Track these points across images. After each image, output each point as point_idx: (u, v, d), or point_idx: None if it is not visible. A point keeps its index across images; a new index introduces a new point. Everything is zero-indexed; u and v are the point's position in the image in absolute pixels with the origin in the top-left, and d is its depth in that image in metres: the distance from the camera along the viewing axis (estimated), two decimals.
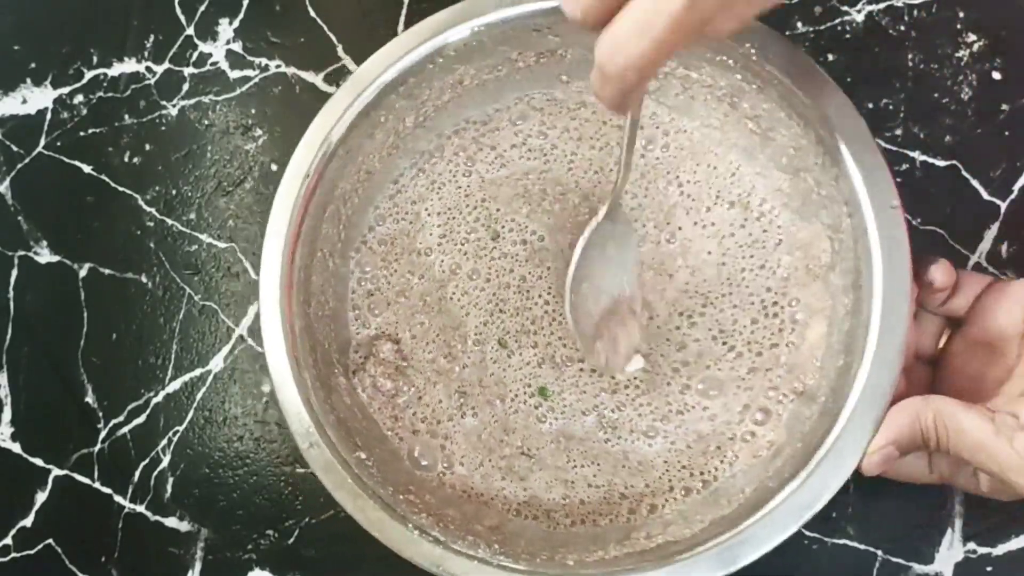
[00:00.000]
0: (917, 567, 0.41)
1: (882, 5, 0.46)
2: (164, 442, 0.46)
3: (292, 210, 0.41)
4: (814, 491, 0.35)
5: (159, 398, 0.47)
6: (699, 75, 0.42)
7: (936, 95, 0.45)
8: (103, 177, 0.50)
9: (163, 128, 0.50)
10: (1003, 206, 0.44)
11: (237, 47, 0.50)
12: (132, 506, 0.46)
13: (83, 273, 0.49)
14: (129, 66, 0.51)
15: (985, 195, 0.44)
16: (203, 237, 0.48)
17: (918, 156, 0.45)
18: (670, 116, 0.44)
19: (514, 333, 0.43)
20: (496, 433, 0.42)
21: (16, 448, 0.47)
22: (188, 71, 0.50)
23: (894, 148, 0.45)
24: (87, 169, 0.50)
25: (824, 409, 0.38)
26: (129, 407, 0.47)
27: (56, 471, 0.47)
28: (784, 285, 0.42)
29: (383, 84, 0.41)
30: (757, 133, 0.42)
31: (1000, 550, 0.41)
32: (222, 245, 0.48)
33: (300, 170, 0.41)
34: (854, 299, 0.38)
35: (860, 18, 0.46)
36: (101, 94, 0.51)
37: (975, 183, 0.44)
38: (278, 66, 0.50)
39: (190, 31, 0.51)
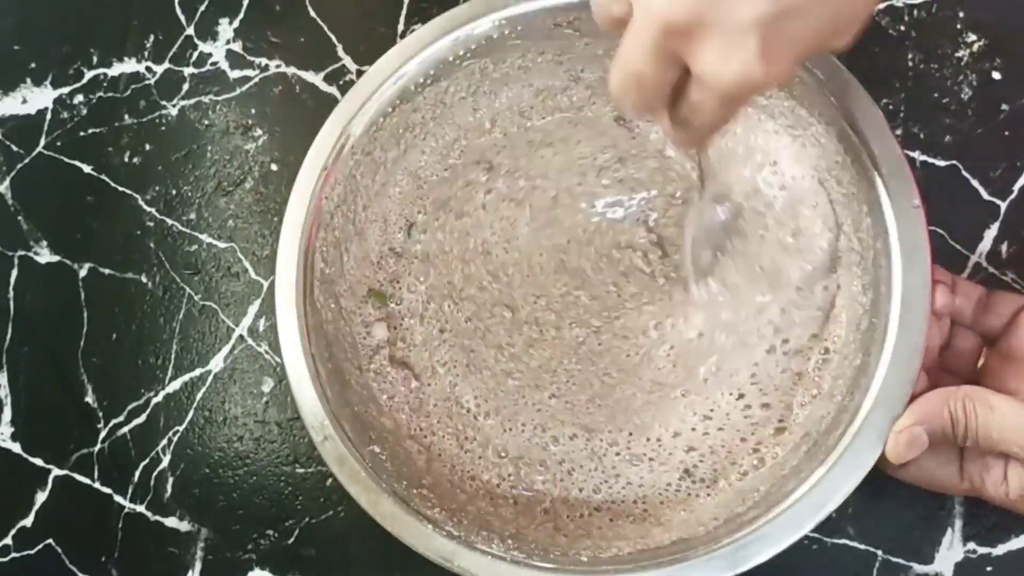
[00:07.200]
0: (917, 567, 0.41)
1: (882, 5, 0.46)
2: (164, 442, 0.46)
3: (309, 203, 0.41)
4: (829, 490, 0.35)
5: (159, 398, 0.47)
6: None
7: (936, 95, 0.45)
8: (103, 177, 0.50)
9: (163, 128, 0.50)
10: (1003, 206, 0.44)
11: (237, 47, 0.50)
12: (132, 506, 0.46)
13: (83, 273, 0.49)
14: (129, 66, 0.51)
15: (985, 195, 0.44)
16: (203, 237, 0.48)
17: (918, 156, 0.45)
18: None
19: (527, 333, 0.43)
20: (514, 427, 0.42)
21: (16, 448, 0.47)
22: (188, 71, 0.50)
23: None
24: (87, 169, 0.50)
25: (841, 408, 0.38)
26: (129, 407, 0.47)
27: (56, 471, 0.47)
28: (801, 284, 0.42)
29: (403, 77, 0.42)
30: (778, 131, 0.42)
31: (1000, 550, 0.41)
32: (222, 245, 0.48)
33: (317, 163, 0.41)
34: (873, 298, 0.38)
35: None
36: (101, 94, 0.51)
37: (975, 183, 0.44)
38: (278, 66, 0.50)
39: (190, 31, 0.51)
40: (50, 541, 0.46)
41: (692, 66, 0.28)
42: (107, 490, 0.46)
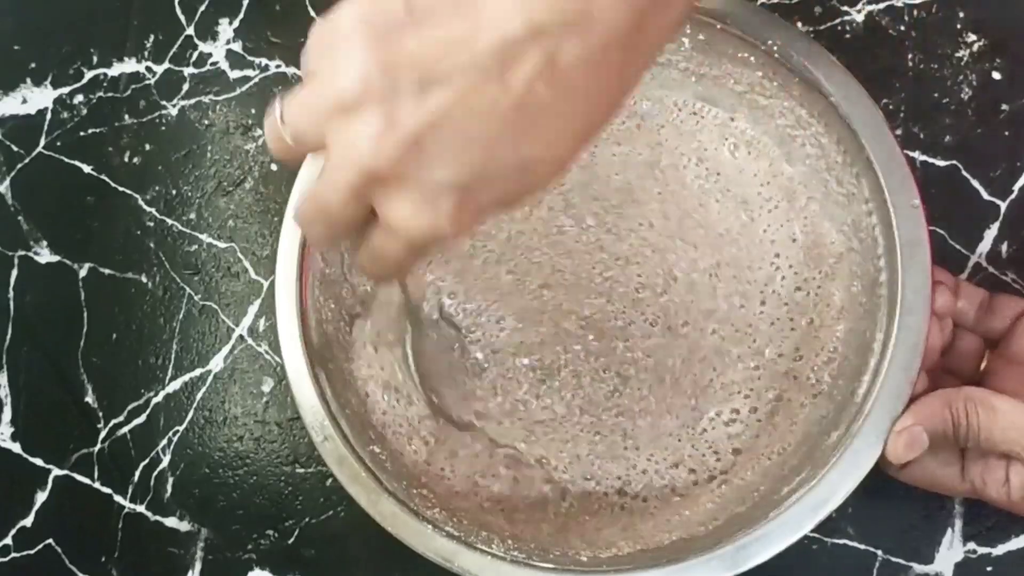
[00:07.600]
0: (917, 567, 0.41)
1: (882, 5, 0.46)
2: (164, 442, 0.46)
3: None
4: (829, 490, 0.35)
5: (159, 398, 0.47)
6: (719, 72, 0.42)
7: (936, 95, 0.45)
8: (103, 177, 0.50)
9: (163, 128, 0.50)
10: (1003, 206, 0.44)
11: (237, 47, 0.50)
12: (132, 506, 0.46)
13: (83, 273, 0.49)
14: (129, 66, 0.51)
15: (985, 195, 0.44)
16: (203, 237, 0.48)
17: (918, 156, 0.45)
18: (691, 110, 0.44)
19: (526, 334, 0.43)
20: (505, 423, 0.42)
21: (16, 448, 0.47)
22: (188, 71, 0.50)
23: None
24: (87, 169, 0.50)
25: (840, 408, 0.38)
26: (129, 407, 0.47)
27: (56, 471, 0.47)
28: (801, 284, 0.42)
29: None
30: (777, 130, 0.42)
31: (1000, 550, 0.41)
32: (222, 245, 0.48)
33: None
34: (873, 298, 0.38)
35: (860, 18, 0.46)
36: (101, 94, 0.51)
37: (975, 183, 0.44)
38: (278, 66, 0.50)
39: (190, 31, 0.51)
40: (50, 541, 0.46)
41: (382, 213, 0.28)
42: (107, 490, 0.46)
